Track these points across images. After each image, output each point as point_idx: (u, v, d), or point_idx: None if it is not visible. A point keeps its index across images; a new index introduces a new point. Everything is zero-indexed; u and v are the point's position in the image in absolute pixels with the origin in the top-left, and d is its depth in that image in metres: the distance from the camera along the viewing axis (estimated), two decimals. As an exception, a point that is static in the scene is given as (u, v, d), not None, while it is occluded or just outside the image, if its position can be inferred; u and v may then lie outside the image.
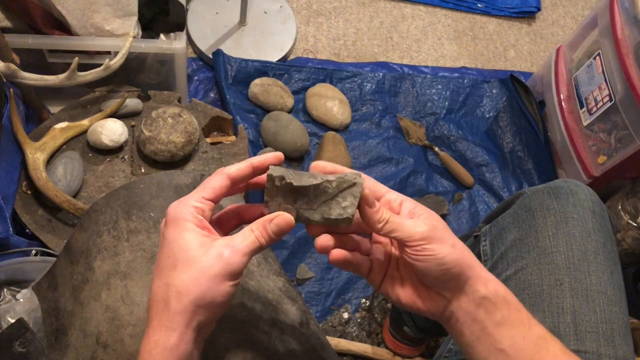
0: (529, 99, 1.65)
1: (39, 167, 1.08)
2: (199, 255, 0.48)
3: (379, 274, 0.56)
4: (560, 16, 2.02)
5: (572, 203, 0.75)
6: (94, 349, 0.60)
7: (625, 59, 1.27)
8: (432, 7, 1.91)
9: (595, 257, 0.71)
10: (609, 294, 0.69)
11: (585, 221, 0.73)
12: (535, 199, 0.77)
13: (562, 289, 0.69)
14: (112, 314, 0.61)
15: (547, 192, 0.77)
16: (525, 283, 0.72)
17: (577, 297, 0.68)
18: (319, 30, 1.76)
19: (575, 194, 0.76)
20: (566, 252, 0.71)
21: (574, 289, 0.68)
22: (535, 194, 0.78)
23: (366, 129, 1.57)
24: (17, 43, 1.14)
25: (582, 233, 0.72)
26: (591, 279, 0.69)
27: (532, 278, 0.71)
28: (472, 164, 1.56)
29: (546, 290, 0.70)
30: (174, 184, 0.70)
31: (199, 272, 0.48)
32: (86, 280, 0.64)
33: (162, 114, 1.16)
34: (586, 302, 0.67)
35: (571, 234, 0.72)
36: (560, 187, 0.77)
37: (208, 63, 1.59)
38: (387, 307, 1.31)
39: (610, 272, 0.71)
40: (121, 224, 0.66)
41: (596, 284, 0.69)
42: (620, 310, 0.69)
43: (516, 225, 0.78)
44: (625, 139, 1.31)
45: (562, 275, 0.70)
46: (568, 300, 0.68)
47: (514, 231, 0.78)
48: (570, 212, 0.74)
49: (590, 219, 0.74)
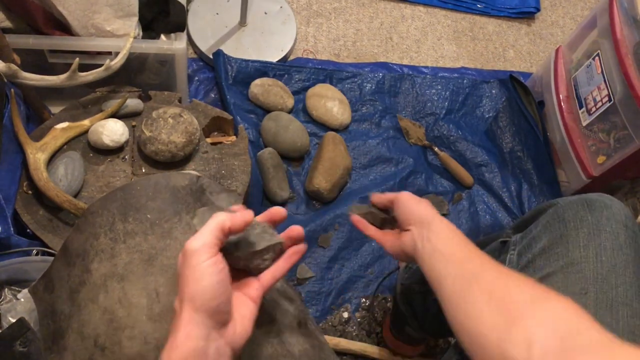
0: (528, 99, 1.65)
1: (40, 167, 1.08)
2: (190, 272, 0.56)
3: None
4: (559, 17, 2.02)
5: (606, 216, 0.75)
6: (92, 351, 0.61)
7: (624, 59, 1.27)
8: (431, 7, 1.91)
9: (624, 271, 0.70)
10: (635, 307, 0.68)
11: (617, 235, 0.73)
12: (569, 210, 0.77)
13: (586, 297, 0.68)
14: (110, 316, 0.61)
15: (582, 204, 0.77)
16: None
17: (600, 307, 0.68)
18: (319, 31, 1.76)
19: (610, 208, 0.76)
20: (595, 263, 0.71)
21: (599, 299, 0.68)
22: (569, 205, 0.78)
23: (366, 129, 1.57)
24: (18, 43, 1.15)
25: (613, 246, 0.72)
26: (617, 291, 0.69)
27: (557, 286, 0.71)
28: (471, 164, 1.57)
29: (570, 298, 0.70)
30: (170, 185, 0.70)
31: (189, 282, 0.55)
32: (83, 283, 0.64)
33: (162, 114, 1.16)
34: (610, 313, 0.67)
35: (602, 246, 0.72)
36: (594, 200, 0.77)
37: (208, 63, 1.59)
38: (387, 306, 1.32)
39: (638, 285, 0.70)
40: (118, 226, 0.66)
41: (622, 296, 0.68)
42: None
43: (547, 235, 0.78)
44: (624, 139, 1.31)
45: (588, 284, 0.69)
46: (592, 309, 0.67)
47: (544, 240, 0.77)
48: (603, 225, 0.74)
49: (622, 232, 0.73)
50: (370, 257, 1.38)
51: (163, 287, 0.63)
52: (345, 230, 1.38)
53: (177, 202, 0.69)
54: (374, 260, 1.38)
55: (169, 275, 0.64)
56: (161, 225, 0.67)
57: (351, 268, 1.36)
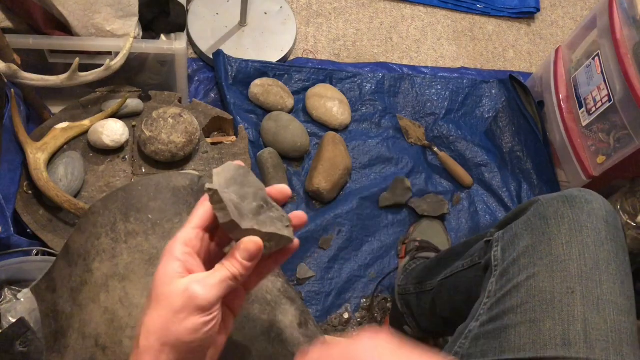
0: (528, 100, 1.65)
1: (40, 167, 1.08)
2: (168, 291, 0.47)
3: None
4: (559, 17, 2.02)
5: (586, 212, 0.75)
6: (93, 351, 0.61)
7: (624, 59, 1.27)
8: (431, 7, 1.91)
9: (607, 267, 0.71)
10: (620, 304, 0.69)
11: (599, 230, 0.74)
12: (550, 207, 0.78)
13: (573, 297, 0.69)
14: (111, 316, 0.61)
15: (562, 200, 0.77)
16: (537, 290, 0.72)
17: (588, 305, 0.68)
18: (319, 31, 1.77)
19: (590, 203, 0.76)
20: (579, 260, 0.71)
21: (586, 297, 0.69)
22: (549, 202, 0.78)
23: (366, 129, 1.58)
24: (18, 43, 1.15)
25: (595, 242, 0.73)
26: (602, 288, 0.69)
27: (544, 285, 0.72)
28: (471, 164, 1.57)
29: (557, 297, 0.70)
30: (171, 185, 0.70)
31: (164, 309, 0.46)
32: (85, 282, 0.64)
33: (162, 114, 1.16)
34: (597, 311, 0.68)
35: (584, 243, 0.73)
36: (575, 196, 0.77)
37: (208, 63, 1.59)
38: (387, 306, 1.32)
39: (621, 281, 0.71)
40: (119, 226, 0.66)
41: (607, 294, 0.69)
42: (629, 320, 0.69)
43: (529, 232, 0.78)
44: (624, 139, 1.31)
45: (574, 283, 0.70)
46: (579, 308, 0.68)
47: (527, 238, 0.78)
48: (584, 221, 0.74)
49: (603, 228, 0.74)
50: (370, 257, 1.38)
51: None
52: (345, 231, 1.38)
53: (179, 202, 0.69)
54: (374, 260, 1.38)
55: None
56: (162, 226, 0.67)
57: (351, 268, 1.36)
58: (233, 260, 0.50)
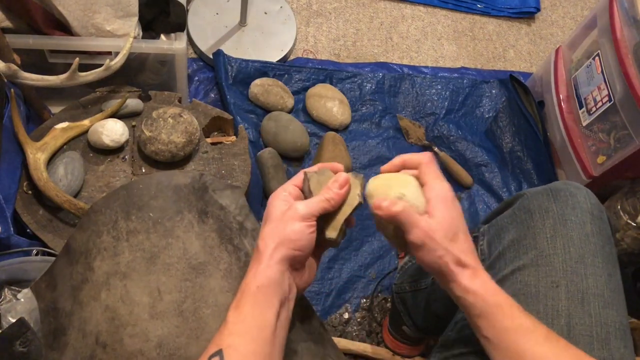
0: (528, 99, 1.65)
1: (40, 167, 1.08)
2: (280, 210, 0.63)
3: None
4: (559, 17, 2.02)
5: (571, 205, 0.75)
6: (93, 348, 0.60)
7: (624, 59, 1.27)
8: (431, 7, 1.91)
9: (592, 260, 0.71)
10: (606, 297, 0.69)
11: (583, 224, 0.73)
12: (535, 201, 0.78)
13: (558, 291, 0.69)
14: (112, 313, 0.61)
15: (547, 193, 0.77)
16: (522, 283, 0.72)
17: (572, 300, 0.68)
18: (319, 31, 1.77)
19: (575, 197, 0.76)
20: (563, 254, 0.71)
21: (570, 291, 0.69)
22: (534, 195, 0.78)
23: (366, 129, 1.57)
24: (18, 43, 1.15)
25: (580, 236, 0.73)
26: (588, 282, 0.69)
27: (529, 279, 0.72)
28: (471, 164, 1.57)
29: (542, 292, 0.70)
30: (173, 184, 0.70)
31: (277, 220, 0.62)
32: (86, 280, 0.64)
33: (162, 114, 1.16)
34: (581, 306, 0.68)
35: (569, 237, 0.73)
36: (559, 189, 0.77)
37: (208, 63, 1.59)
38: (387, 306, 1.32)
39: (608, 274, 0.71)
40: (120, 224, 0.66)
41: (593, 287, 0.69)
42: (617, 312, 0.69)
43: (515, 226, 0.78)
44: (624, 139, 1.31)
45: (558, 277, 0.70)
46: (563, 302, 0.68)
47: (513, 231, 0.78)
48: (568, 215, 0.74)
49: (589, 221, 0.74)
50: (370, 258, 1.38)
51: (165, 285, 0.63)
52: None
53: (180, 200, 0.69)
54: (374, 260, 1.38)
55: (171, 273, 0.64)
56: (163, 224, 0.67)
57: (351, 268, 1.36)
58: (327, 189, 0.65)
